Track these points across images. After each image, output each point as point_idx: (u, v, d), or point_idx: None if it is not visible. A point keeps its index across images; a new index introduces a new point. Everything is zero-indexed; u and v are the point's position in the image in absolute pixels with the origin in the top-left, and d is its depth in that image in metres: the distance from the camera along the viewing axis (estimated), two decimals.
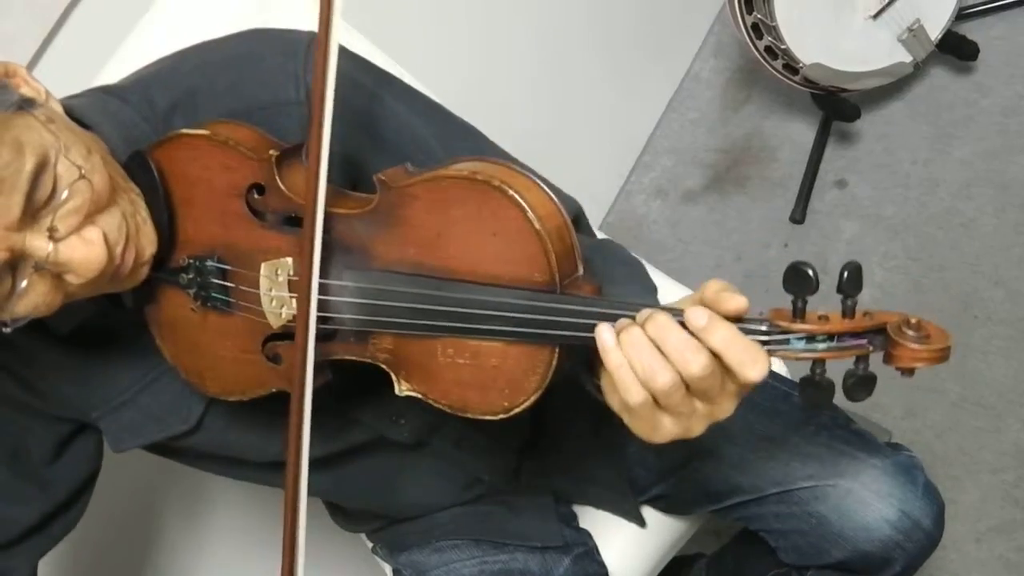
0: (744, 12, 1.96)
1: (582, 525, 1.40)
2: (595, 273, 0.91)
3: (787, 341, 0.78)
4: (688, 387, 0.79)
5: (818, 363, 0.79)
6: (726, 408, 0.81)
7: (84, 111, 0.94)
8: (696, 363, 0.76)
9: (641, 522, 1.37)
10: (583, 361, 0.91)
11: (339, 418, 1.12)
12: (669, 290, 1.34)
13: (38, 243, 0.82)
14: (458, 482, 1.28)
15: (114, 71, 1.12)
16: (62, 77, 1.06)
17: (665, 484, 1.31)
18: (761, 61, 2.04)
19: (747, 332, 0.78)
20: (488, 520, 1.33)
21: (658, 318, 0.78)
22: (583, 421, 1.31)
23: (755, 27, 1.98)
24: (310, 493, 0.93)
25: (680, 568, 1.64)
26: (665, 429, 0.83)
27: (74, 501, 1.15)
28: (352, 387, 1.08)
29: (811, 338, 0.78)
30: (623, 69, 2.33)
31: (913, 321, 0.76)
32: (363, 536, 1.45)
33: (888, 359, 0.77)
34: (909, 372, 0.77)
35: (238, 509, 1.80)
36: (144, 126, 0.96)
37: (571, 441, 1.31)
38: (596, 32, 2.21)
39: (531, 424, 1.30)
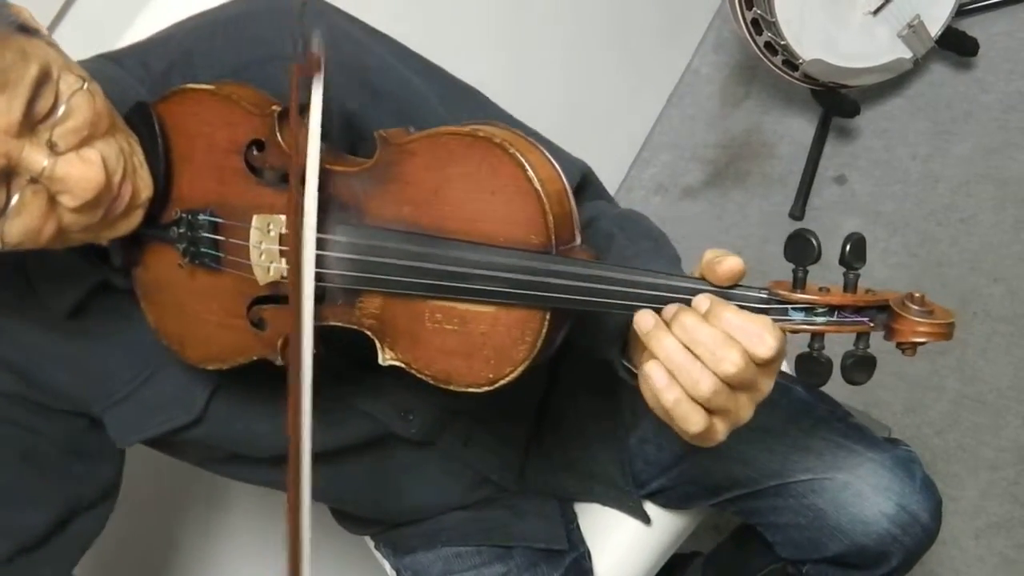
0: (744, 8, 1.96)
1: (584, 524, 1.39)
2: (617, 248, 0.89)
3: (785, 311, 0.77)
4: (730, 385, 0.78)
5: (816, 338, 0.78)
6: (765, 388, 0.80)
7: None
8: (728, 361, 0.76)
9: (646, 519, 1.36)
10: (615, 342, 0.90)
11: (342, 407, 1.11)
12: None
13: (36, 155, 0.81)
14: (465, 482, 1.28)
15: None
16: None
17: (665, 478, 1.31)
18: (761, 57, 2.03)
19: (745, 300, 0.77)
20: (493, 525, 1.32)
21: (684, 319, 0.77)
22: (584, 412, 1.31)
23: (755, 23, 1.98)
24: (313, 497, 0.89)
25: (678, 566, 1.64)
26: (719, 431, 0.82)
27: (97, 499, 1.13)
28: (352, 373, 1.07)
29: (810, 310, 0.77)
30: (622, 65, 2.32)
31: (917, 296, 0.75)
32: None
33: (890, 335, 0.76)
34: (911, 349, 0.76)
35: (251, 513, 1.80)
36: (139, 88, 0.97)
37: (573, 433, 1.31)
38: (595, 27, 2.21)
39: (536, 419, 1.29)
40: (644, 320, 0.80)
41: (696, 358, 0.77)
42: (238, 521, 1.80)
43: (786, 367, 1.38)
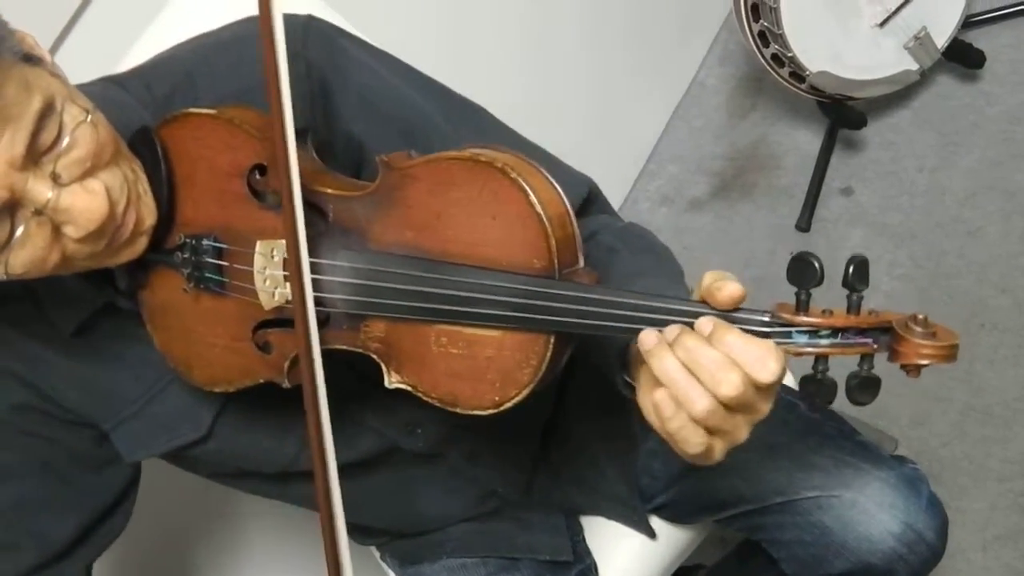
0: (751, 20, 1.96)
1: (589, 536, 1.39)
2: (619, 263, 0.89)
3: (789, 335, 0.77)
4: (727, 407, 0.78)
5: (820, 360, 0.78)
6: (764, 409, 0.80)
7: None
8: (728, 384, 0.76)
9: (651, 533, 1.36)
10: (617, 358, 0.90)
11: (350, 424, 1.11)
12: None
13: (40, 187, 0.81)
14: (472, 495, 1.28)
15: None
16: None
17: (670, 492, 1.31)
18: (767, 69, 2.04)
19: (748, 324, 0.77)
20: (499, 537, 1.32)
21: (686, 341, 0.77)
22: (593, 431, 1.31)
23: (762, 35, 1.99)
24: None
25: None
26: (716, 451, 0.82)
27: (116, 506, 1.13)
28: (359, 391, 1.08)
29: (814, 332, 0.77)
30: (628, 76, 2.33)
31: (920, 318, 0.75)
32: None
33: (893, 356, 0.76)
34: (915, 371, 0.76)
35: (267, 524, 1.79)
36: (143, 112, 0.97)
37: (582, 451, 1.31)
38: (601, 39, 2.21)
39: (543, 435, 1.29)
40: (647, 339, 0.80)
41: (695, 379, 0.77)
42: (253, 533, 1.80)
43: (793, 383, 1.38)
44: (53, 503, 1.08)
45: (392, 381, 0.88)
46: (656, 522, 1.37)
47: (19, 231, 0.82)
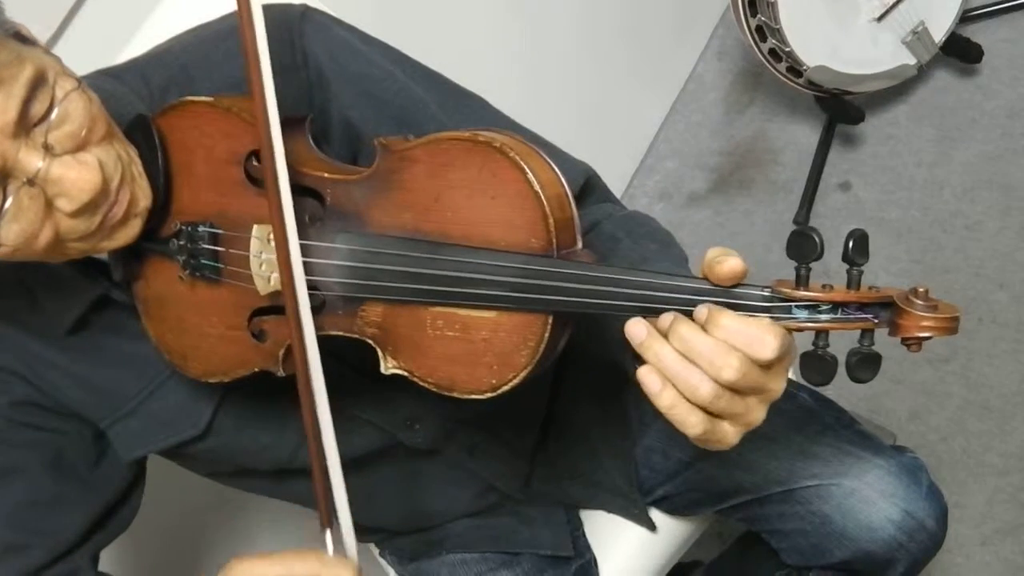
0: (748, 15, 1.96)
1: (589, 531, 1.39)
2: (622, 252, 0.90)
3: (789, 310, 0.77)
4: (733, 390, 0.78)
5: (821, 335, 0.77)
6: (776, 388, 0.80)
7: None
8: (728, 368, 0.76)
9: (651, 525, 1.36)
10: (627, 348, 0.90)
11: (348, 418, 1.10)
12: None
13: (31, 157, 0.80)
14: (471, 490, 1.27)
15: None
16: None
17: (670, 485, 1.31)
18: (765, 64, 2.03)
19: (747, 300, 0.77)
20: (499, 532, 1.32)
21: (680, 330, 0.77)
22: (591, 423, 1.31)
23: (759, 30, 1.98)
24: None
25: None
26: (729, 435, 0.82)
27: (125, 498, 1.14)
28: (357, 384, 1.07)
29: (814, 307, 0.76)
30: (626, 72, 2.33)
31: (921, 291, 0.74)
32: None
33: (895, 330, 0.75)
34: (916, 345, 0.75)
35: (273, 519, 1.79)
36: (138, 104, 0.97)
37: (580, 443, 1.31)
38: (599, 34, 2.21)
39: (542, 428, 1.29)
40: (636, 331, 0.79)
41: (694, 365, 0.77)
42: (259, 528, 1.80)
43: (792, 372, 1.37)
44: (62, 500, 1.08)
45: (388, 367, 0.88)
46: (656, 515, 1.36)
47: (9, 201, 0.81)
